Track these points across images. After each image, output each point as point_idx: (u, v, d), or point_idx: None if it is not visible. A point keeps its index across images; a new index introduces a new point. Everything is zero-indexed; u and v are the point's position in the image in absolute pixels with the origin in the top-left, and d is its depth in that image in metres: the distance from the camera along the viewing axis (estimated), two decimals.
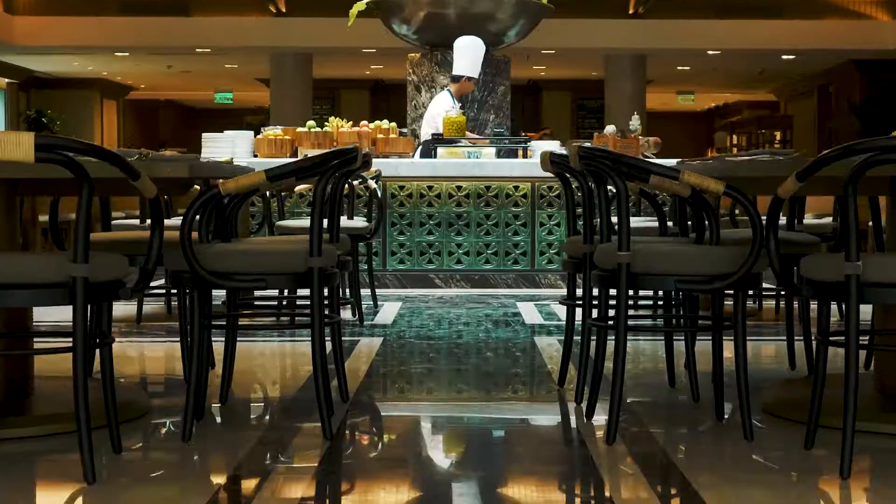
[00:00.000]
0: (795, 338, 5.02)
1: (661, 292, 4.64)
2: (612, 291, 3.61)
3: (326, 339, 3.76)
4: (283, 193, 7.56)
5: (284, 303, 5.94)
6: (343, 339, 4.50)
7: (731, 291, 3.55)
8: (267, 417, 4.12)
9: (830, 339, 3.24)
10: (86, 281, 2.99)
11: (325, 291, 3.95)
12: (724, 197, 3.73)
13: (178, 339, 4.69)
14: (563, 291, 8.77)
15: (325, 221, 3.74)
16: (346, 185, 7.19)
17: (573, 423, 4.02)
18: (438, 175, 9.13)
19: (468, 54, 9.81)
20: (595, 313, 4.04)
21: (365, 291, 7.27)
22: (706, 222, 3.89)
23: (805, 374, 4.70)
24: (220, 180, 3.39)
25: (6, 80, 23.95)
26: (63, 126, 23.20)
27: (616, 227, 3.49)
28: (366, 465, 3.46)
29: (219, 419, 4.00)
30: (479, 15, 10.29)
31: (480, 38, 10.30)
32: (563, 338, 5.88)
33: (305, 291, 3.61)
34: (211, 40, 20.38)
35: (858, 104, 22.03)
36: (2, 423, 3.56)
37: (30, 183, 3.65)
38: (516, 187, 9.25)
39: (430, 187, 9.22)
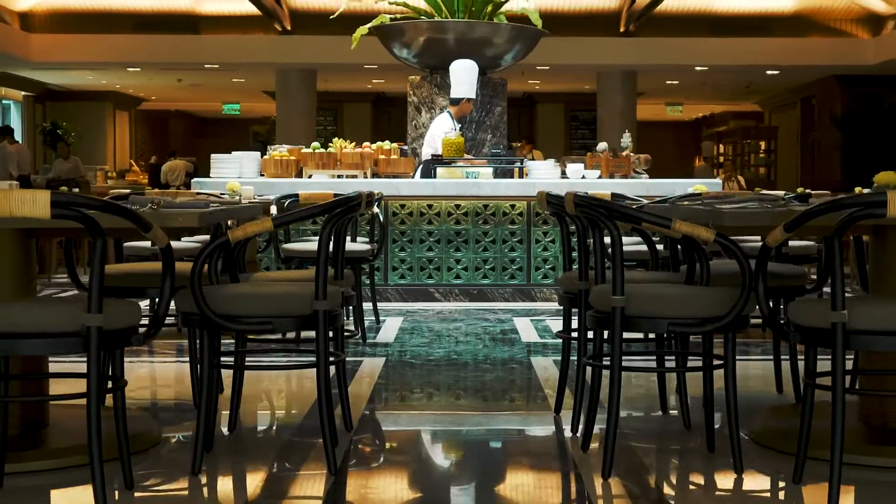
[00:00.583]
0: (782, 357, 5.00)
1: None
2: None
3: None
4: (288, 210, 7.51)
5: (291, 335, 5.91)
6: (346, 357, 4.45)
7: None
8: (274, 448, 4.07)
9: (817, 382, 3.22)
10: (100, 330, 2.98)
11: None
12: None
13: (188, 359, 4.68)
14: (558, 305, 8.80)
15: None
16: None
17: (570, 454, 3.99)
18: (438, 194, 9.13)
19: (465, 77, 9.80)
20: (589, 348, 4.01)
21: (367, 305, 7.26)
22: (696, 261, 3.88)
23: (792, 398, 4.69)
24: (230, 229, 3.37)
25: (23, 93, 23.93)
26: (78, 137, 23.16)
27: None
28: (368, 501, 3.44)
29: (227, 449, 3.97)
30: (477, 40, 10.28)
31: (477, 62, 10.30)
32: (558, 358, 5.91)
33: None
34: (219, 57, 20.36)
35: (840, 117, 22.03)
36: (17, 457, 3.53)
37: (44, 228, 3.63)
38: (513, 206, 9.24)
39: (430, 206, 9.21)
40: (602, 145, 11.81)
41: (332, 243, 3.69)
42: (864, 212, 3.01)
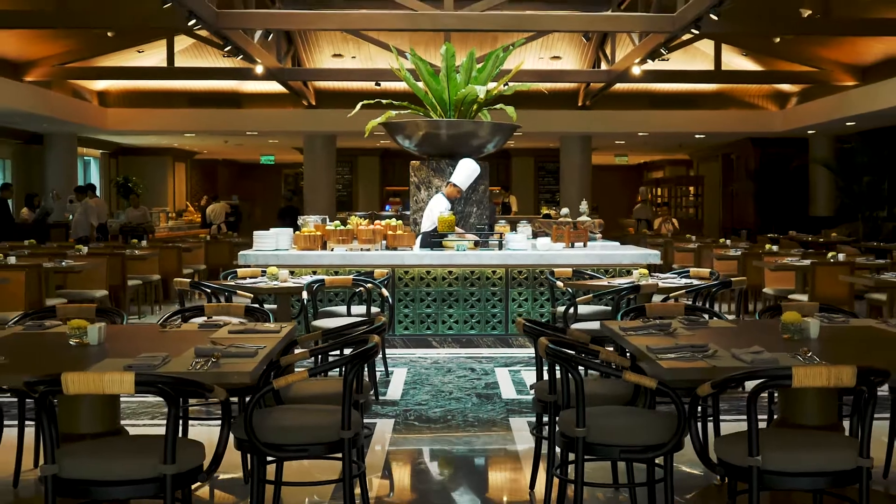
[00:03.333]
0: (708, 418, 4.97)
1: None
2: None
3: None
4: (316, 294, 7.52)
5: None
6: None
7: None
8: None
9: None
10: (173, 476, 3.02)
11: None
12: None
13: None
14: (529, 351, 8.83)
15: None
16: (363, 288, 7.25)
17: None
18: (434, 263, 9.18)
19: (462, 171, 9.86)
20: (557, 449, 4.03)
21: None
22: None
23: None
24: (274, 379, 3.40)
25: (100, 151, 23.96)
26: (144, 188, 23.17)
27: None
28: None
29: None
30: (465, 134, 10.33)
31: (465, 150, 10.35)
32: (531, 419, 5.92)
33: None
34: (257, 126, 20.43)
35: (753, 171, 22.15)
36: None
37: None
38: (494, 272, 9.29)
39: (428, 272, 9.26)
40: (564, 210, 11.81)
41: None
42: (773, 382, 3.07)
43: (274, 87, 19.09)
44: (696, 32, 11.28)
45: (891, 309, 8.43)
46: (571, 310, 6.90)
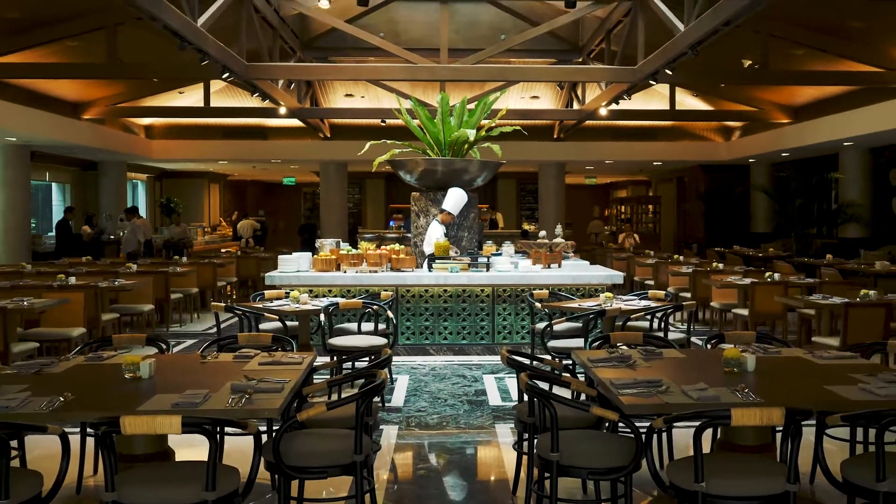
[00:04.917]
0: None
1: None
2: None
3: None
4: (332, 313, 7.56)
5: None
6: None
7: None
8: None
9: None
10: (214, 501, 3.06)
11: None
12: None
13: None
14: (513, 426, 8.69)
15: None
16: (371, 309, 7.28)
17: None
18: (432, 283, 9.23)
19: (452, 198, 9.93)
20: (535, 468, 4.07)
21: None
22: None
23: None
24: (298, 413, 3.45)
25: (146, 175, 23.95)
26: (184, 208, 23.16)
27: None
28: None
29: None
30: (457, 170, 10.41)
31: (457, 184, 10.41)
32: (514, 426, 5.95)
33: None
34: (281, 155, 20.47)
35: (703, 193, 22.23)
36: None
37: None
38: (482, 290, 9.34)
39: (426, 290, 9.31)
40: (542, 233, 11.87)
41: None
42: (714, 421, 3.12)
43: (295, 122, 19.14)
44: (654, 83, 11.35)
45: (818, 323, 8.50)
46: (548, 329, 6.96)
